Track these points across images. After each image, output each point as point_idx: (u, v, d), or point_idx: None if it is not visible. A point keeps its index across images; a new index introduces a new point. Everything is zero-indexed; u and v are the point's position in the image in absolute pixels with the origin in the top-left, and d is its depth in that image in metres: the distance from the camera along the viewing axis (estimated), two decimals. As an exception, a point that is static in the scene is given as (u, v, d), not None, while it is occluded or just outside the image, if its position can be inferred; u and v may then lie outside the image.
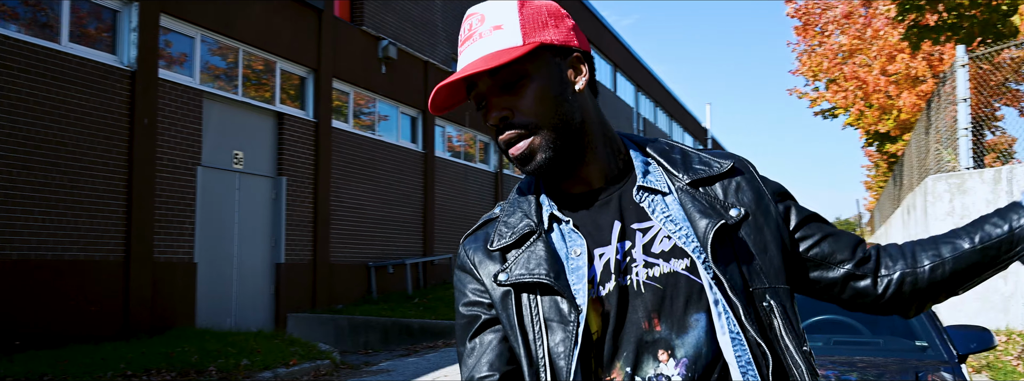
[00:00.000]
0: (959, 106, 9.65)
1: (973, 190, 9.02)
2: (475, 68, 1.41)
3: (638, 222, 1.48)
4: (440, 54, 18.58)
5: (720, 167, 1.52)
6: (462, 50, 1.49)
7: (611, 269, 1.44)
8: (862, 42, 18.66)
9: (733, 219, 1.46)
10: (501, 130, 1.46)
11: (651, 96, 38.58)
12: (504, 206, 1.61)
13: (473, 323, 1.55)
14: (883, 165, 45.43)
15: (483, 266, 1.55)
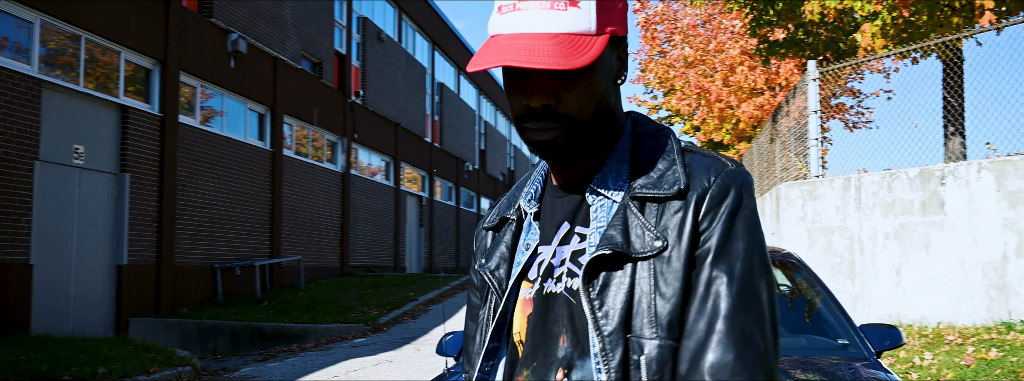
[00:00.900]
0: (810, 117, 10.24)
1: (824, 197, 9.60)
2: (550, 60, 1.21)
3: (582, 226, 1.37)
4: (290, 50, 18.07)
5: (667, 189, 1.31)
6: (518, 7, 1.27)
7: (540, 271, 1.39)
8: (705, 54, 19.55)
9: (647, 250, 1.28)
10: (535, 116, 1.31)
11: (492, 100, 38.95)
12: (522, 179, 1.56)
13: (474, 292, 1.59)
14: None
15: (479, 243, 1.59)
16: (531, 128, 1.33)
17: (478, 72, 1.51)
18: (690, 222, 1.29)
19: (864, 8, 10.22)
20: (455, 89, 32.54)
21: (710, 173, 1.33)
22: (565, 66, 1.21)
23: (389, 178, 25.23)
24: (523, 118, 1.33)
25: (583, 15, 1.26)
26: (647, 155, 1.38)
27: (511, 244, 1.47)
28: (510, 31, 1.27)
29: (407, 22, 27.09)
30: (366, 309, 15.47)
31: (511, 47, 1.24)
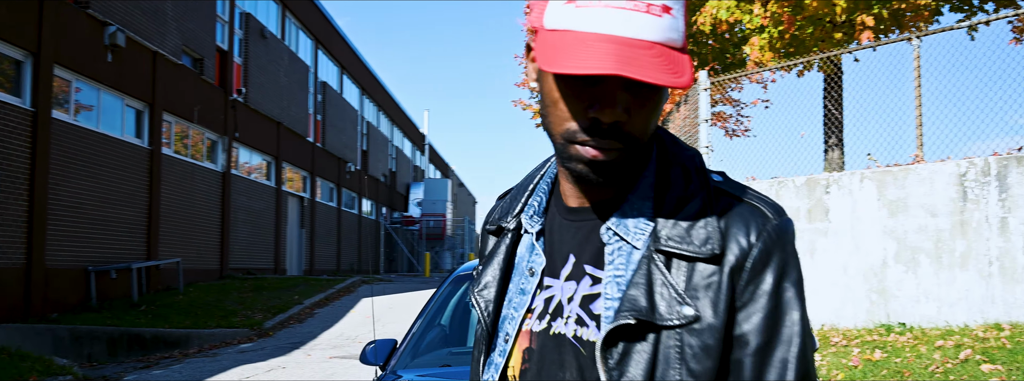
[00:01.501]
0: (701, 126, 10.56)
1: (715, 203, 9.90)
2: (658, 74, 1.03)
3: (592, 266, 1.22)
4: (170, 45, 17.43)
5: (698, 248, 1.15)
6: (617, 4, 1.07)
7: (550, 308, 1.24)
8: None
9: (677, 319, 1.13)
10: (598, 132, 1.12)
11: (374, 100, 38.57)
12: (523, 181, 1.39)
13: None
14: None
15: (482, 244, 1.45)
16: (589, 144, 1.13)
17: (562, 74, 1.11)
18: (726, 292, 1.14)
19: (752, 22, 10.62)
20: (338, 88, 32.07)
21: (750, 230, 1.16)
22: (675, 84, 1.04)
23: (270, 178, 24.66)
24: (582, 132, 1.13)
25: (676, 25, 1.10)
26: (674, 193, 1.20)
27: (505, 263, 1.32)
28: (596, 30, 1.06)
29: (291, 19, 26.55)
30: (250, 313, 15.07)
31: (609, 52, 1.04)
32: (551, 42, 1.09)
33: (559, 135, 1.16)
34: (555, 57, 1.06)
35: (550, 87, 1.15)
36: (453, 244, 46.48)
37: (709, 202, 1.19)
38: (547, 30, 1.11)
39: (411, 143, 48.88)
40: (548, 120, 1.18)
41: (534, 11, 1.18)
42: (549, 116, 1.17)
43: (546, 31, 1.11)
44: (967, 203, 7.76)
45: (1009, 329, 6.95)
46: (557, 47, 1.07)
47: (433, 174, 55.58)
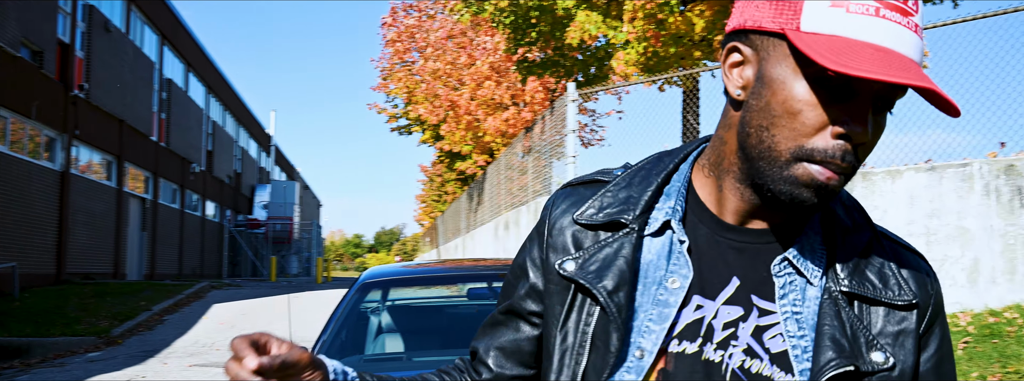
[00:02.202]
0: (569, 136, 10.90)
1: (582, 211, 10.25)
2: (930, 82, 0.95)
3: (762, 297, 1.12)
4: (8, 36, 16.41)
5: (895, 295, 1.11)
6: (896, 19, 0.98)
7: (701, 330, 1.12)
8: (454, 67, 20.08)
9: (871, 365, 1.08)
10: (840, 155, 1.01)
11: (221, 98, 37.41)
12: (624, 174, 1.23)
13: (513, 291, 1.27)
14: (437, 180, 48.69)
15: (558, 235, 1.21)
16: (828, 164, 1.01)
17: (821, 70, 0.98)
18: (915, 339, 1.12)
19: (618, 37, 11.04)
20: (183, 86, 30.95)
21: (928, 280, 1.16)
22: (956, 108, 0.97)
23: (111, 178, 23.53)
24: (823, 150, 1.01)
25: (922, 47, 1.02)
26: (842, 231, 1.14)
27: (631, 264, 1.14)
28: (875, 41, 0.97)
29: (136, 13, 25.45)
30: (94, 320, 14.38)
31: (903, 64, 0.96)
32: (820, 44, 0.97)
33: (788, 151, 1.02)
34: (843, 60, 0.94)
35: (789, 95, 1.01)
36: (300, 248, 45.62)
37: (876, 241, 1.15)
38: (804, 32, 0.99)
39: (257, 144, 47.65)
40: (771, 132, 1.03)
41: (749, 10, 1.06)
42: (777, 127, 1.02)
43: (803, 33, 0.99)
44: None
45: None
46: (835, 50, 0.96)
47: (279, 176, 54.36)
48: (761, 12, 1.03)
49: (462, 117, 19.05)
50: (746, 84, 1.06)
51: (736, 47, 1.07)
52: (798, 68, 1.00)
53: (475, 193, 21.51)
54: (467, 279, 4.83)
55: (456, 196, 42.55)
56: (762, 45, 1.04)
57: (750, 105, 1.04)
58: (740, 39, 1.07)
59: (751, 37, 1.05)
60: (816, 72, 0.99)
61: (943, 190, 7.60)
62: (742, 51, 1.06)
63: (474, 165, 25.13)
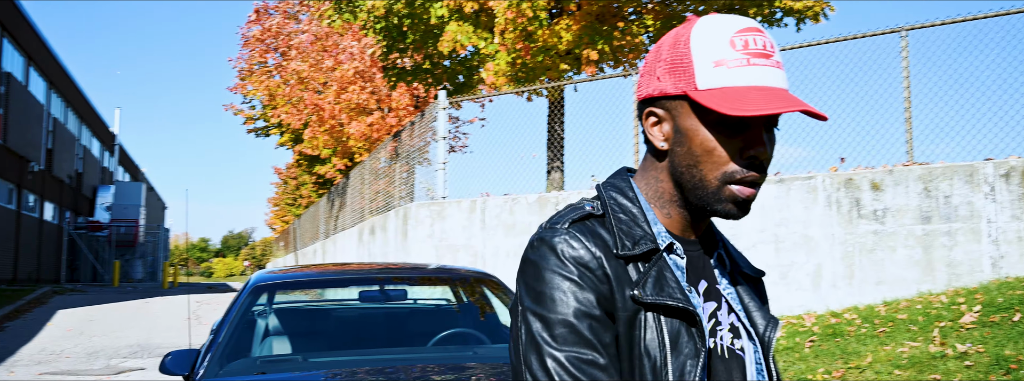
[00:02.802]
0: (439, 143, 11.09)
1: (452, 217, 10.45)
2: (802, 104, 1.24)
3: (717, 288, 1.40)
4: None
5: (758, 271, 1.53)
6: (763, 63, 1.27)
7: (713, 326, 1.36)
8: (319, 71, 19.88)
9: (775, 320, 1.43)
10: (754, 167, 1.29)
11: (63, 95, 35.58)
12: (613, 210, 1.36)
13: (603, 329, 1.26)
14: (292, 183, 47.81)
15: (612, 270, 1.29)
16: (745, 182, 1.28)
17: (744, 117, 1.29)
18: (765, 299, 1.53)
19: (489, 48, 11.33)
20: (23, 80, 29.30)
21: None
22: (820, 112, 1.26)
23: (-58, 177, 22.07)
24: (742, 170, 1.28)
25: (785, 75, 1.30)
26: (716, 229, 1.48)
27: (676, 280, 1.31)
28: (757, 84, 1.26)
29: (-27, 1, 23.98)
30: (-73, 327, 13.52)
31: (779, 96, 1.25)
32: (715, 97, 1.24)
33: (715, 178, 1.28)
34: (735, 105, 1.22)
35: (703, 138, 1.28)
36: (144, 252, 43.85)
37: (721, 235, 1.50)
38: (701, 90, 1.26)
39: (100, 143, 45.51)
40: (699, 168, 1.29)
41: (652, 83, 1.33)
42: (702, 164, 1.29)
43: (701, 91, 1.26)
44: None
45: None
46: (727, 99, 1.24)
47: (122, 177, 52.04)
48: (663, 82, 1.31)
49: (326, 121, 18.91)
50: (667, 137, 1.33)
51: (652, 111, 1.34)
52: (703, 117, 1.28)
53: (336, 197, 21.35)
54: (358, 282, 4.95)
55: (312, 200, 41.92)
56: (671, 106, 1.31)
57: (676, 151, 1.31)
58: (653, 105, 1.34)
59: (661, 102, 1.32)
60: (717, 117, 1.27)
61: (790, 201, 8.22)
62: (657, 113, 1.33)
63: (333, 169, 24.93)
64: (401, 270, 5.17)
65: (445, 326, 4.82)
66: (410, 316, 5.22)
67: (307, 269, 5.37)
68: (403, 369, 3.93)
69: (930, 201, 7.52)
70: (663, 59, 1.32)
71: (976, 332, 5.70)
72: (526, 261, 1.31)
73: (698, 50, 1.28)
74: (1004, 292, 6.34)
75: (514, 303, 1.30)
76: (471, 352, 4.45)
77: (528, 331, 1.24)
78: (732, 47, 1.26)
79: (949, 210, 7.43)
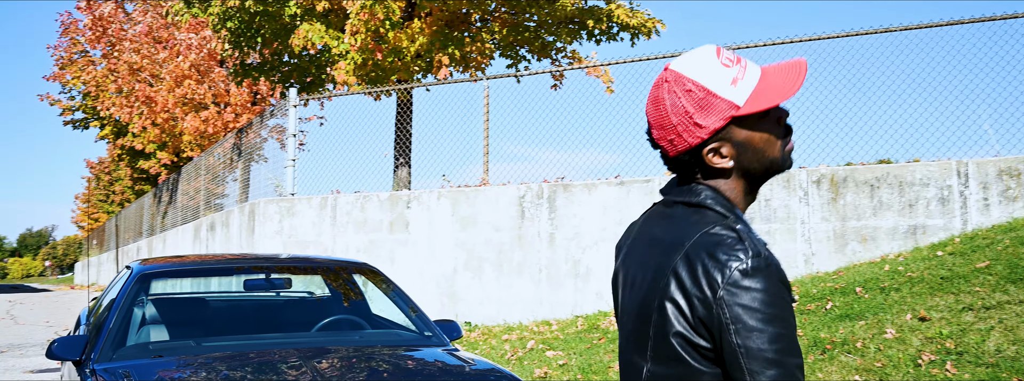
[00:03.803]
0: (288, 140, 11.15)
1: (301, 213, 10.54)
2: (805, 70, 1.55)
3: None
4: None
5: None
6: (748, 64, 1.55)
7: None
8: (153, 63, 19.22)
9: None
10: (788, 132, 1.58)
11: None
12: (746, 227, 1.54)
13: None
14: (106, 178, 45.51)
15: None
16: (790, 144, 1.59)
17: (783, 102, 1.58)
18: None
19: (340, 47, 11.49)
20: None
21: None
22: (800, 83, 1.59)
23: None
24: (787, 138, 1.58)
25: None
26: None
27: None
28: (756, 83, 1.54)
29: None
30: None
31: (788, 75, 1.54)
32: (755, 103, 1.51)
33: (777, 151, 1.57)
34: (776, 96, 1.50)
35: (758, 135, 1.55)
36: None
37: None
38: (744, 105, 1.51)
39: None
40: (767, 154, 1.56)
41: (694, 131, 1.54)
42: (767, 150, 1.56)
43: (744, 106, 1.51)
44: (524, 220, 9.35)
45: (556, 324, 8.58)
46: (762, 98, 1.50)
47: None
48: (707, 124, 1.53)
49: (158, 114, 18.34)
50: (730, 155, 1.55)
51: (711, 148, 1.55)
52: (743, 123, 1.53)
53: (164, 193, 20.68)
54: (243, 271, 5.09)
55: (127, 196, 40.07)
56: (721, 135, 1.53)
57: (742, 159, 1.54)
58: (706, 145, 1.54)
59: (709, 140, 1.54)
60: (759, 115, 1.53)
61: (631, 201, 8.87)
62: (713, 147, 1.55)
63: (159, 165, 24.08)
64: (284, 259, 5.35)
65: (326, 314, 5.06)
66: (292, 305, 5.42)
67: (187, 259, 5.46)
68: (301, 351, 4.16)
69: (754, 204, 8.34)
70: (688, 112, 1.52)
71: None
72: (746, 290, 1.40)
73: (713, 84, 1.51)
74: (817, 285, 7.17)
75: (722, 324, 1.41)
76: (357, 336, 4.72)
77: (760, 348, 1.38)
78: (727, 68, 1.52)
79: (769, 212, 8.27)
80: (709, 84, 1.51)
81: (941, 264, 6.64)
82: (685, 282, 1.45)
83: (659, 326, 1.49)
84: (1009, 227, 7.14)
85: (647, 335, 1.52)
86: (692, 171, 1.59)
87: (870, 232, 7.89)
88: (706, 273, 1.42)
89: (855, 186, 8.00)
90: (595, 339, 7.57)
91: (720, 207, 1.55)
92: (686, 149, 1.56)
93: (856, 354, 5.49)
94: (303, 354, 4.11)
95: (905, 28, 8.39)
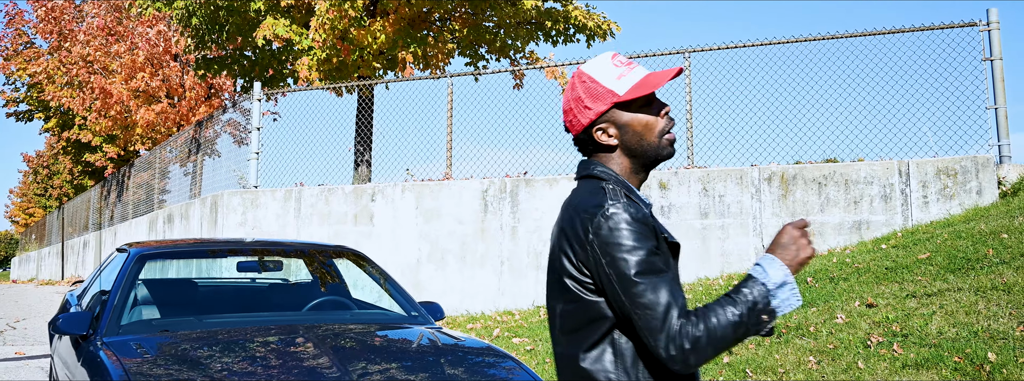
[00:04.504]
0: (252, 133, 11.27)
1: (265, 205, 10.69)
2: (678, 70, 1.93)
3: None
4: None
5: None
6: (636, 65, 1.94)
7: None
8: (106, 56, 19.05)
9: None
10: (670, 120, 1.94)
11: None
12: (616, 187, 1.86)
13: (666, 261, 1.80)
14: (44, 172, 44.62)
15: (656, 225, 1.85)
16: (669, 130, 1.94)
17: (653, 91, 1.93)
18: None
19: (303, 43, 11.65)
20: None
21: None
22: (670, 75, 1.97)
23: None
24: (665, 125, 1.93)
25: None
26: None
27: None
28: (641, 76, 1.93)
29: None
30: None
31: (655, 77, 1.91)
32: (633, 92, 1.89)
33: (656, 136, 1.92)
34: (646, 88, 1.88)
35: (639, 119, 1.93)
36: None
37: None
38: (623, 94, 1.90)
39: None
40: (646, 138, 1.93)
41: (586, 113, 1.94)
42: (646, 134, 1.93)
43: (624, 95, 1.91)
44: (487, 214, 9.64)
45: (518, 314, 8.88)
46: (640, 88, 1.89)
47: None
48: (594, 108, 1.92)
49: (112, 106, 18.21)
50: (614, 135, 1.93)
51: (600, 128, 1.93)
52: (629, 108, 1.92)
53: (114, 186, 20.50)
54: (237, 253, 5.29)
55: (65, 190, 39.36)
56: (607, 117, 1.93)
57: (625, 139, 1.92)
58: (595, 125, 1.93)
59: (598, 121, 1.93)
60: (640, 102, 1.92)
61: (591, 197, 9.21)
62: (602, 127, 1.93)
63: (105, 158, 23.83)
64: (273, 243, 5.56)
65: (315, 295, 5.30)
66: (279, 288, 5.63)
67: (181, 242, 5.64)
68: (301, 327, 4.40)
69: (708, 200, 8.75)
70: (581, 98, 1.93)
71: (750, 306, 6.89)
72: (605, 230, 1.76)
73: (602, 78, 1.92)
74: (768, 275, 7.59)
75: (596, 260, 1.76)
76: (348, 315, 4.96)
77: (625, 270, 1.72)
78: (616, 66, 1.92)
79: (723, 207, 8.68)
80: (599, 77, 1.92)
81: (885, 256, 7.10)
82: (569, 235, 1.83)
83: (561, 273, 1.84)
84: (947, 223, 7.64)
85: (556, 282, 1.87)
86: (589, 148, 1.98)
87: (818, 227, 8.34)
88: (582, 224, 1.79)
89: (804, 183, 8.45)
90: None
91: (603, 175, 1.91)
92: (582, 128, 1.95)
93: (810, 337, 5.89)
94: (302, 329, 4.35)
95: (851, 35, 8.87)
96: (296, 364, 3.72)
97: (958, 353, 5.04)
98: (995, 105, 8.30)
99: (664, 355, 1.68)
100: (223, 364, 3.70)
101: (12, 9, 25.13)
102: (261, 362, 3.79)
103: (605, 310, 1.79)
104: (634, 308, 1.71)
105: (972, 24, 8.47)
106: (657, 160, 1.95)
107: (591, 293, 1.80)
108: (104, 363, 3.79)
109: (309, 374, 3.55)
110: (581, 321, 1.82)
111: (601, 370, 1.79)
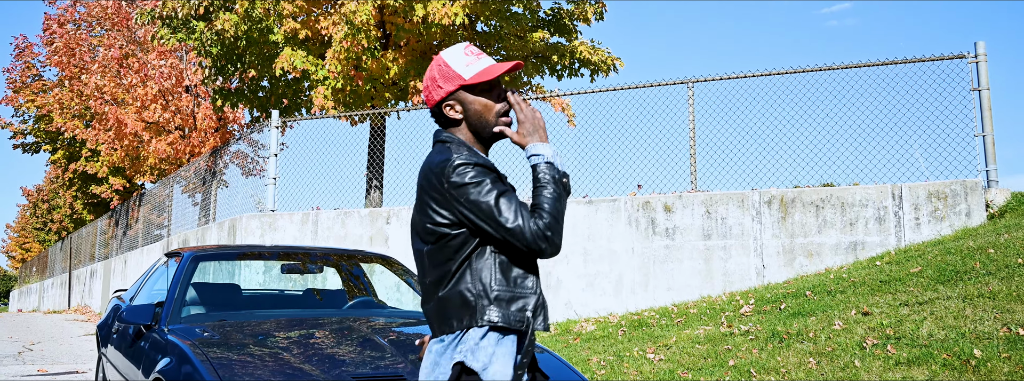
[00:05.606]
0: (270, 160, 11.72)
1: (283, 228, 11.09)
2: (516, 63, 2.36)
3: None
4: None
5: None
6: (485, 55, 2.38)
7: None
8: (118, 87, 19.54)
9: None
10: (506, 103, 2.38)
11: None
12: (458, 145, 2.32)
13: (512, 191, 2.28)
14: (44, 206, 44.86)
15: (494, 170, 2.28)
16: (504, 113, 2.37)
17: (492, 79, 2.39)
18: None
19: (318, 73, 12.15)
20: None
21: None
22: (511, 65, 2.39)
23: None
24: (500, 109, 2.37)
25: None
26: None
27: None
28: (487, 64, 2.35)
29: None
30: None
31: (498, 66, 2.34)
32: (477, 77, 2.32)
33: (493, 117, 2.35)
34: (488, 75, 2.31)
35: (479, 101, 2.36)
36: None
37: None
38: (468, 79, 2.33)
39: None
40: (484, 117, 2.35)
41: (438, 91, 2.36)
42: (484, 114, 2.36)
43: (468, 79, 2.33)
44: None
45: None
46: (482, 75, 2.32)
47: None
48: (445, 87, 2.36)
49: (126, 136, 18.67)
50: (459, 112, 2.37)
51: (448, 104, 2.37)
52: (472, 91, 2.35)
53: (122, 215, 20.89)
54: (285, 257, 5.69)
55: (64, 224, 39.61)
56: (455, 97, 2.36)
57: (467, 116, 2.36)
58: (445, 102, 2.36)
59: (447, 99, 2.36)
60: (482, 87, 2.34)
61: (598, 219, 9.65)
62: (450, 103, 2.37)
63: (110, 190, 24.21)
64: (316, 248, 5.97)
65: (354, 296, 5.70)
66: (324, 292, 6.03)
67: (229, 247, 6.05)
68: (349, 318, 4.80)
69: (710, 222, 9.18)
70: (435, 78, 2.36)
71: (753, 318, 7.26)
72: (455, 176, 2.20)
73: (454, 64, 2.35)
74: (770, 292, 7.99)
75: (454, 199, 2.19)
76: (386, 312, 5.36)
77: (478, 198, 2.17)
78: (467, 56, 2.36)
79: (725, 229, 9.11)
80: (452, 63, 2.35)
81: (880, 271, 7.53)
82: (426, 188, 2.25)
83: (424, 218, 2.26)
84: (938, 242, 8.08)
85: (419, 226, 2.28)
86: (441, 121, 2.41)
87: (815, 248, 8.77)
88: (437, 175, 2.22)
89: (802, 206, 8.89)
90: (570, 340, 8.27)
91: (447, 139, 2.37)
92: (434, 103, 2.39)
93: (809, 342, 6.29)
94: (350, 320, 4.75)
95: (846, 66, 9.39)
96: (351, 345, 4.12)
97: (947, 351, 5.44)
98: (983, 132, 8.79)
99: (536, 247, 2.15)
100: (286, 340, 4.09)
101: (22, 42, 25.73)
102: (318, 342, 4.19)
103: (462, 243, 2.20)
104: (496, 225, 2.15)
105: (961, 56, 8.99)
106: (494, 137, 2.39)
107: (452, 229, 2.20)
108: (174, 342, 4.18)
109: (368, 347, 3.94)
110: (446, 255, 2.22)
111: (464, 287, 2.18)
